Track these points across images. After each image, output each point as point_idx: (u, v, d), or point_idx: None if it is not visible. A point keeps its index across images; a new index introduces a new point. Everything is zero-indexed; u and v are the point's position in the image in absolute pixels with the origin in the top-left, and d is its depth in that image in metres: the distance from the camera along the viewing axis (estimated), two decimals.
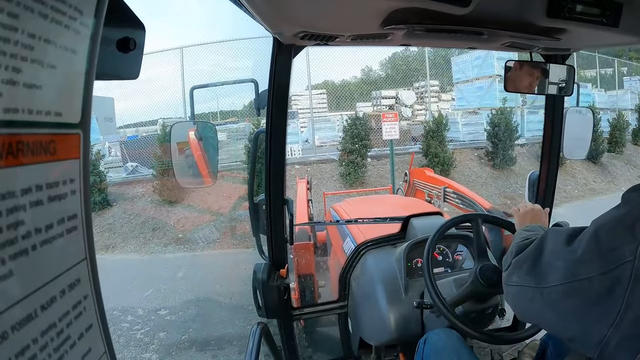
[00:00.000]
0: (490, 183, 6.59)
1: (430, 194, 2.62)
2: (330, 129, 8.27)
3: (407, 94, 10.21)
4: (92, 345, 0.25)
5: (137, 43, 0.35)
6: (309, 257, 1.51)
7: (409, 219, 1.39)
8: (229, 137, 7.62)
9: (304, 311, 1.32)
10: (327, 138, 8.11)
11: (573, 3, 0.74)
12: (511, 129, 6.87)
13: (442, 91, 10.53)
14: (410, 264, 1.25)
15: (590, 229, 0.50)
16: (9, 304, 0.19)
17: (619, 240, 0.44)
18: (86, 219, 0.25)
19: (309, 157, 7.28)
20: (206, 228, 5.37)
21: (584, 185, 6.98)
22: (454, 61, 9.17)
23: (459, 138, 8.00)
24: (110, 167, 7.03)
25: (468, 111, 8.71)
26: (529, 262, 0.60)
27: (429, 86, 9.27)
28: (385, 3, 0.71)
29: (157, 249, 5.06)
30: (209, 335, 2.84)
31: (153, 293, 3.60)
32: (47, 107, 0.21)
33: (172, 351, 2.71)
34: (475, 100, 8.50)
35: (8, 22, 0.18)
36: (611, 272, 0.44)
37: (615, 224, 0.46)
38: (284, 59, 1.02)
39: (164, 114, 8.56)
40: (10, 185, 0.19)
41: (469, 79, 8.73)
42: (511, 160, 6.91)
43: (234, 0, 0.73)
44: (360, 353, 1.36)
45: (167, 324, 3.08)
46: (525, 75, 1.12)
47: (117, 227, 5.53)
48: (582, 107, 1.40)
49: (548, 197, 1.38)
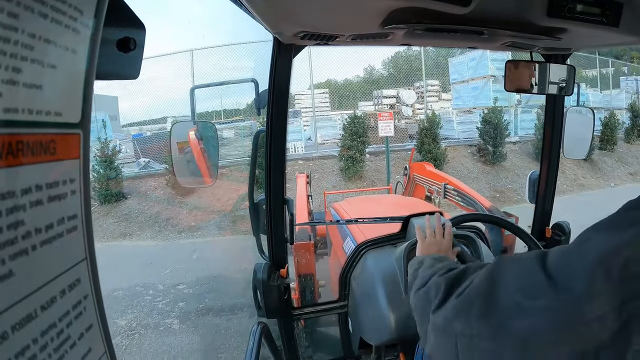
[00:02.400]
0: (481, 178, 6.96)
1: (430, 190, 2.60)
2: (331, 127, 8.48)
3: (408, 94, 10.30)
4: (92, 345, 0.25)
5: (137, 43, 0.35)
6: (309, 257, 1.51)
7: (409, 218, 1.39)
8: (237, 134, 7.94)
9: (304, 311, 1.32)
10: (329, 136, 8.32)
11: (573, 3, 0.74)
12: (501, 127, 7.24)
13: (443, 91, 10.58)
14: None
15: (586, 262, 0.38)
16: (9, 304, 0.18)
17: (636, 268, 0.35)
18: (86, 219, 0.25)
19: (311, 153, 7.62)
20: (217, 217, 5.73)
21: (573, 181, 7.25)
22: (451, 62, 9.44)
23: (453, 136, 8.36)
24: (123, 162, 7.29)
25: (463, 110, 8.93)
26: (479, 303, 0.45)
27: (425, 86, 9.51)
28: (385, 3, 0.70)
29: (172, 235, 5.42)
30: (224, 304, 3.21)
31: (171, 272, 3.98)
32: (47, 107, 0.21)
33: (191, 317, 3.08)
34: (471, 100, 8.77)
35: (8, 22, 0.18)
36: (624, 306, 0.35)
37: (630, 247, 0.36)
38: (284, 58, 1.02)
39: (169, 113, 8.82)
40: (10, 185, 0.19)
41: (464, 80, 9.00)
42: (502, 156, 7.27)
43: (234, 0, 0.73)
44: (360, 353, 1.36)
45: (185, 295, 3.45)
46: (526, 75, 1.12)
47: (132, 217, 5.96)
48: (582, 107, 1.40)
49: (548, 197, 1.38)
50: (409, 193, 3.09)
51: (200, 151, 1.19)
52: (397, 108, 10.05)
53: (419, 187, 2.86)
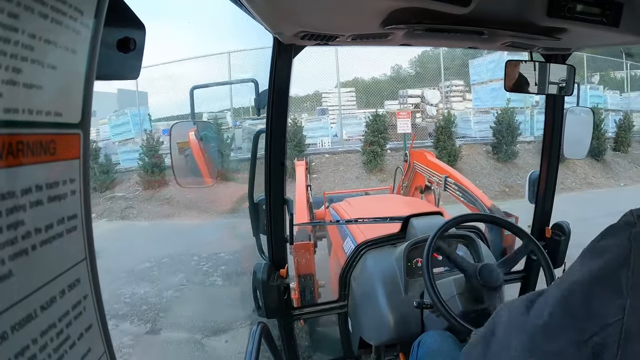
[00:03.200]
0: (493, 174, 7.42)
1: (430, 180, 2.57)
2: (357, 124, 8.88)
3: (432, 94, 10.43)
4: (92, 345, 0.25)
5: (137, 43, 0.35)
6: (309, 257, 1.51)
7: (409, 218, 1.39)
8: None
9: (304, 311, 1.32)
10: (354, 133, 8.77)
11: (573, 2, 0.74)
12: (513, 126, 7.66)
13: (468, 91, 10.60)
14: (410, 263, 1.25)
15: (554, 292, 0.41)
16: (9, 304, 0.19)
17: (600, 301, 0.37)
18: (86, 219, 0.25)
19: (337, 148, 8.30)
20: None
21: (583, 180, 7.48)
22: (471, 64, 9.66)
23: (471, 134, 8.77)
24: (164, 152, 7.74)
25: (481, 110, 9.22)
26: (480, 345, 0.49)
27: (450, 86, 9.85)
28: (385, 3, 0.71)
29: (213, 216, 5.92)
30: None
31: (212, 242, 4.47)
32: (47, 107, 0.21)
33: (232, 277, 3.60)
34: (489, 101, 9.03)
35: (8, 22, 0.18)
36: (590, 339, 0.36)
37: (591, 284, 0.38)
38: (284, 58, 1.02)
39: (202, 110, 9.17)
40: (10, 185, 0.19)
41: (484, 81, 9.25)
42: (513, 154, 7.69)
43: (234, 0, 0.73)
44: (360, 353, 1.36)
45: (225, 261, 3.97)
46: (525, 75, 1.12)
47: (174, 201, 6.51)
48: (582, 107, 1.40)
49: (548, 197, 1.38)
50: (408, 179, 3.03)
51: (200, 151, 1.19)
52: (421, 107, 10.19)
53: (419, 176, 2.81)
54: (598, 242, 0.40)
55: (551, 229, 1.38)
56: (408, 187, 3.05)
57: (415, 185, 2.94)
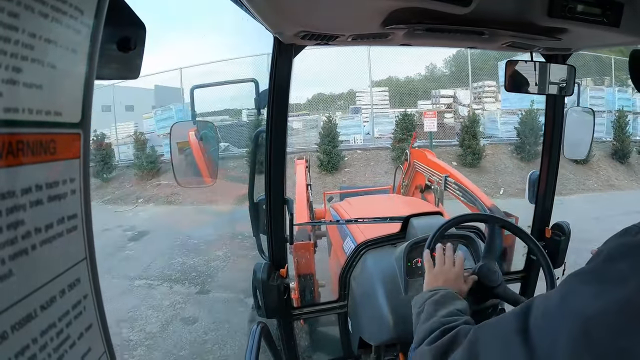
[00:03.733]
0: (516, 172, 7.73)
1: (430, 179, 2.56)
2: (388, 123, 9.18)
3: (464, 94, 10.48)
4: (92, 345, 0.25)
5: (138, 43, 0.35)
6: (309, 257, 1.51)
7: (409, 218, 1.39)
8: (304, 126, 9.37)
9: (304, 311, 1.32)
10: (386, 131, 9.09)
11: (574, 3, 0.74)
12: (537, 127, 7.84)
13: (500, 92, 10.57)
14: (410, 263, 1.25)
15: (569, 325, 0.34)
16: (9, 303, 0.19)
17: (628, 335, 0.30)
18: (86, 218, 0.25)
19: (368, 145, 8.83)
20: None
21: (605, 181, 7.63)
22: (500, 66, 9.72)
23: (497, 135, 9.06)
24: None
25: (508, 111, 9.39)
26: None
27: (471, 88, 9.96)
28: (385, 3, 0.71)
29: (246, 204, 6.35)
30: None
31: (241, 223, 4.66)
32: (47, 106, 0.21)
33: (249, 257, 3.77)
34: (517, 102, 9.17)
35: (8, 22, 0.18)
36: None
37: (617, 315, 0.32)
38: (285, 58, 1.02)
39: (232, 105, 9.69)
40: (10, 185, 0.19)
41: None
42: (536, 154, 7.87)
43: (235, 0, 0.73)
44: (360, 352, 1.36)
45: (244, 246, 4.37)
46: (526, 75, 1.12)
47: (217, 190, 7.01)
48: (582, 107, 1.40)
49: (548, 197, 1.38)
50: (408, 179, 3.03)
51: (200, 151, 1.19)
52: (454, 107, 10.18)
53: (419, 175, 2.80)
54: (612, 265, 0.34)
55: (551, 229, 1.38)
56: (408, 186, 3.04)
57: (415, 184, 2.93)
